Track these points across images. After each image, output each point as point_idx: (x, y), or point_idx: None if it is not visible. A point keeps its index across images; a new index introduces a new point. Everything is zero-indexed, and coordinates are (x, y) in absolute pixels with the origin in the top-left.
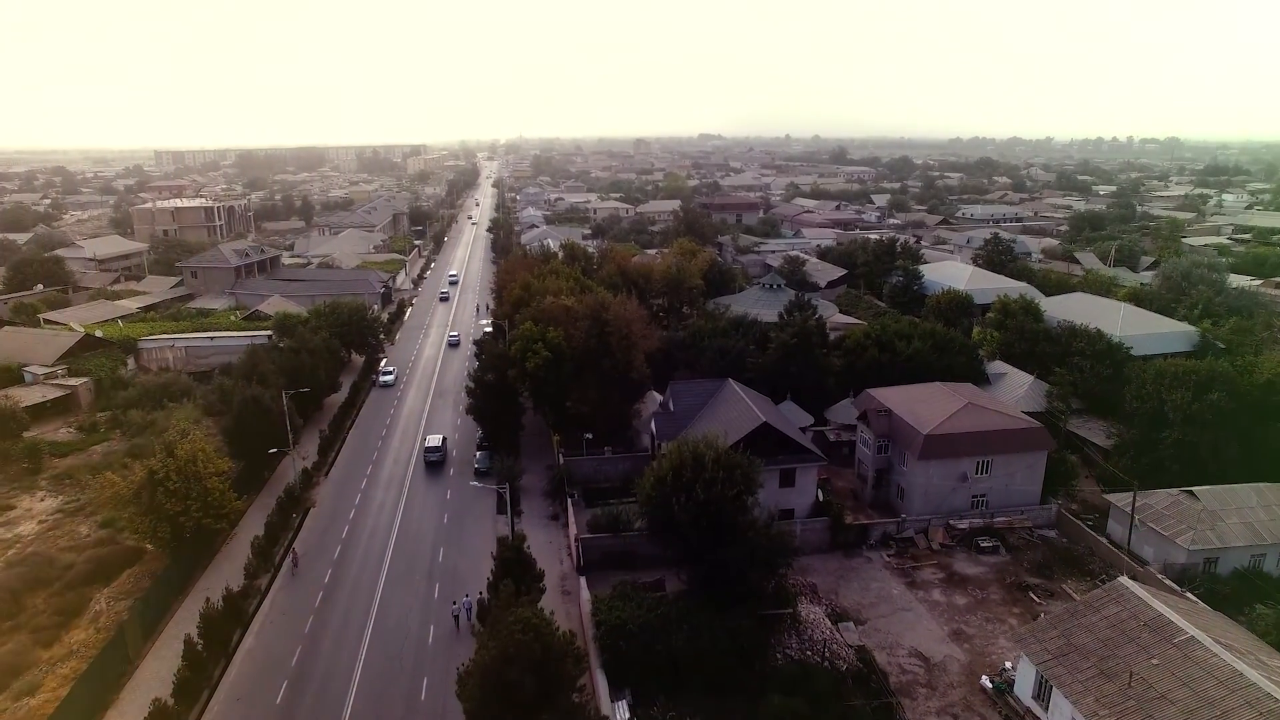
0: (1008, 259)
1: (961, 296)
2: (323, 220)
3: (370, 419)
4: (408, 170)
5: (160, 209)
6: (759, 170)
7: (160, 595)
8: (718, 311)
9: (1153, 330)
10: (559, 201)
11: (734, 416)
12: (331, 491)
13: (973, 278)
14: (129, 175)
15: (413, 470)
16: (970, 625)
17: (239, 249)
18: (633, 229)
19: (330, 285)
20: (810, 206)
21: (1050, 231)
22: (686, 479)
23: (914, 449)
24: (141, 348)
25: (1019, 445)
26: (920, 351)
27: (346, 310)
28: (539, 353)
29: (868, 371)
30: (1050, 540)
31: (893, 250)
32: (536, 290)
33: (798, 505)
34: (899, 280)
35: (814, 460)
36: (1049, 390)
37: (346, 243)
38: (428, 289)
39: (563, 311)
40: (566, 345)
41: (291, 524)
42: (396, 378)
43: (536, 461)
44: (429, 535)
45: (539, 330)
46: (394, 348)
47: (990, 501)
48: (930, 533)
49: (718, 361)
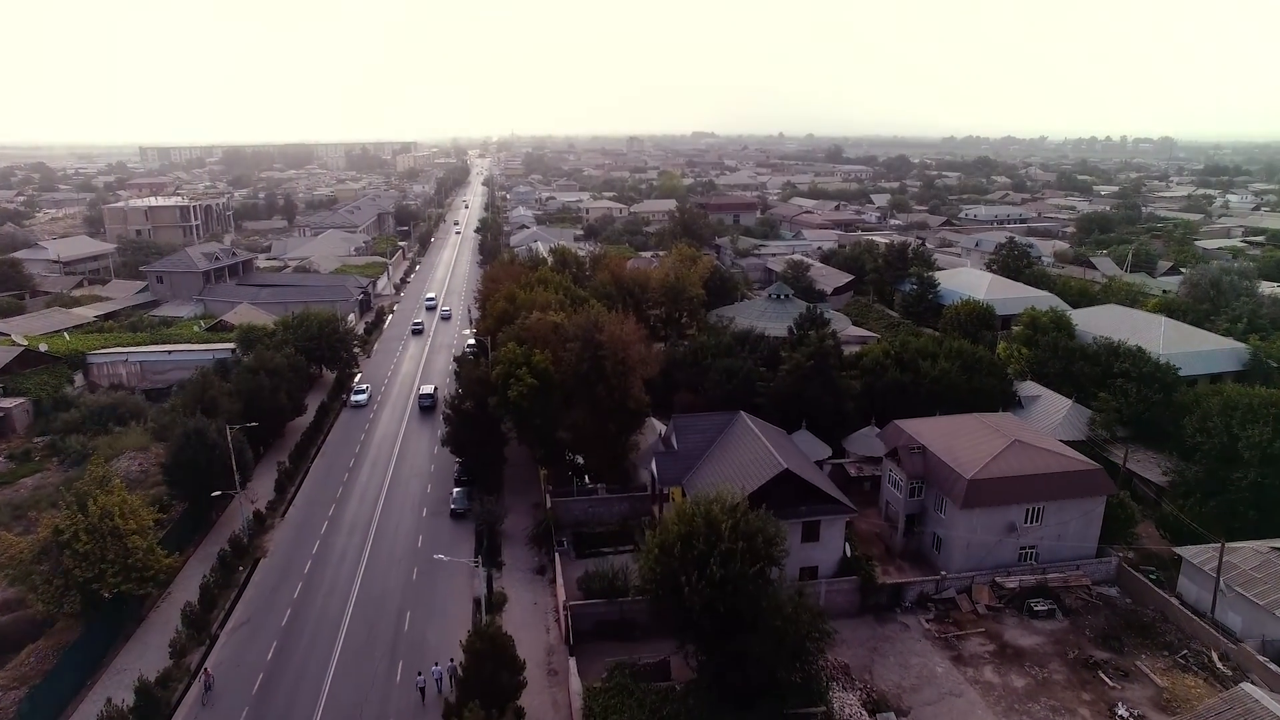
0: (1024, 265)
1: (982, 308)
2: (304, 220)
3: (338, 447)
4: (397, 168)
5: (133, 208)
6: (754, 169)
7: (62, 681)
8: (720, 324)
9: (1197, 347)
10: (550, 201)
11: (749, 459)
12: (287, 537)
13: (992, 286)
14: (111, 172)
15: (380, 509)
16: (1034, 717)
17: (208, 252)
18: (626, 230)
19: (305, 292)
20: (809, 206)
21: (1056, 233)
22: (698, 552)
23: (955, 495)
24: (91, 363)
25: (1074, 490)
26: (947, 372)
27: (317, 322)
28: (523, 379)
29: (889, 394)
30: (1112, 600)
31: (904, 256)
32: (523, 303)
33: (822, 562)
34: (913, 288)
35: (842, 511)
36: (1092, 417)
37: (326, 244)
38: (411, 294)
39: (550, 330)
40: (555, 370)
41: (236, 580)
42: (370, 397)
43: (521, 498)
44: (395, 594)
45: (523, 353)
46: (371, 360)
47: (1040, 554)
48: (974, 592)
49: (723, 384)
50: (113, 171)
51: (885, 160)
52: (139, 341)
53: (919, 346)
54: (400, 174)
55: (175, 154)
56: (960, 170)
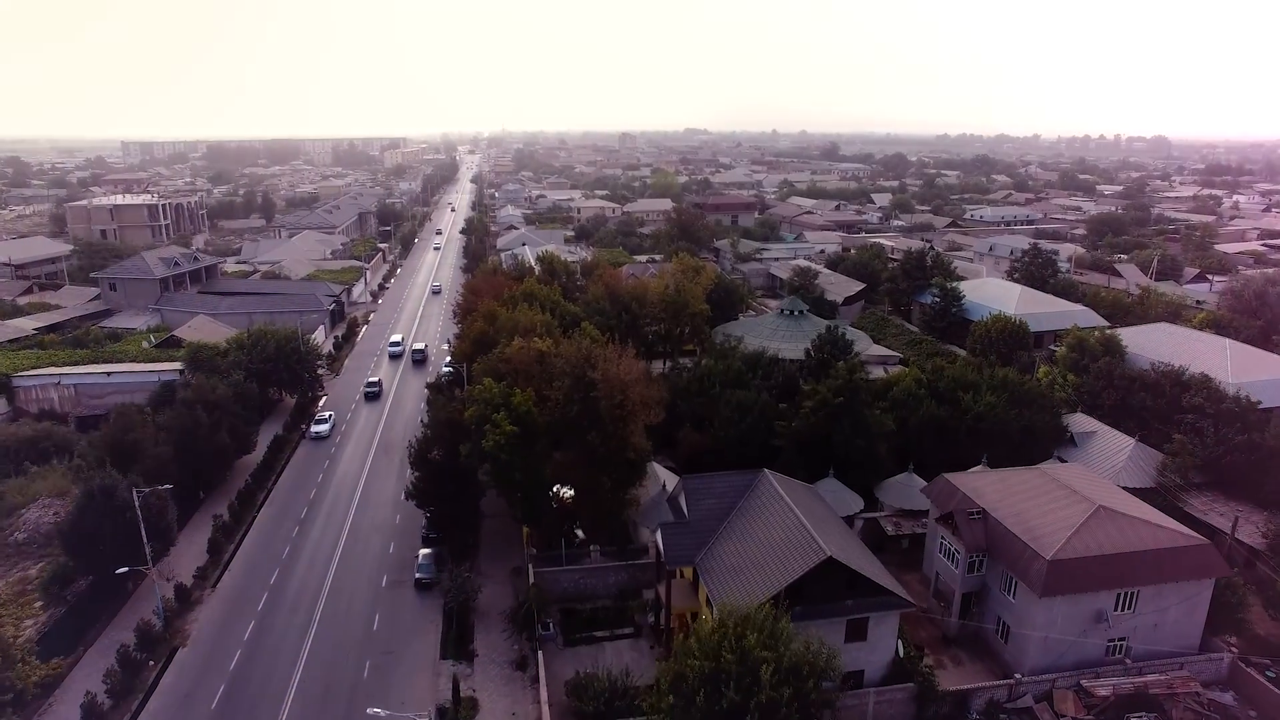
0: (1050, 274)
1: (1015, 325)
2: (282, 220)
3: (290, 492)
4: (385, 164)
5: (97, 206)
6: (749, 167)
7: None
8: (728, 344)
9: (1271, 374)
10: (540, 199)
11: (779, 539)
12: (215, 617)
13: (1022, 299)
14: (89, 167)
15: (332, 575)
16: None
17: (166, 257)
18: (620, 231)
19: (271, 301)
20: (808, 206)
21: (1065, 235)
22: (730, 703)
23: (1032, 579)
24: (18, 386)
25: (1177, 571)
26: (993, 407)
27: (275, 340)
28: (501, 425)
29: (924, 431)
30: (1230, 711)
31: (923, 264)
32: (504, 323)
33: (870, 664)
34: (935, 301)
35: (896, 604)
36: (1163, 462)
37: (301, 246)
38: (389, 302)
39: (535, 360)
40: (539, 412)
41: (142, 684)
42: (334, 426)
43: (498, 562)
44: (340, 697)
45: (502, 391)
46: (340, 379)
47: (1132, 647)
48: (1056, 700)
49: (735, 422)
50: (91, 167)
51: (882, 158)
52: (77, 360)
53: (956, 375)
54: (388, 170)
55: (159, 149)
56: (959, 169)
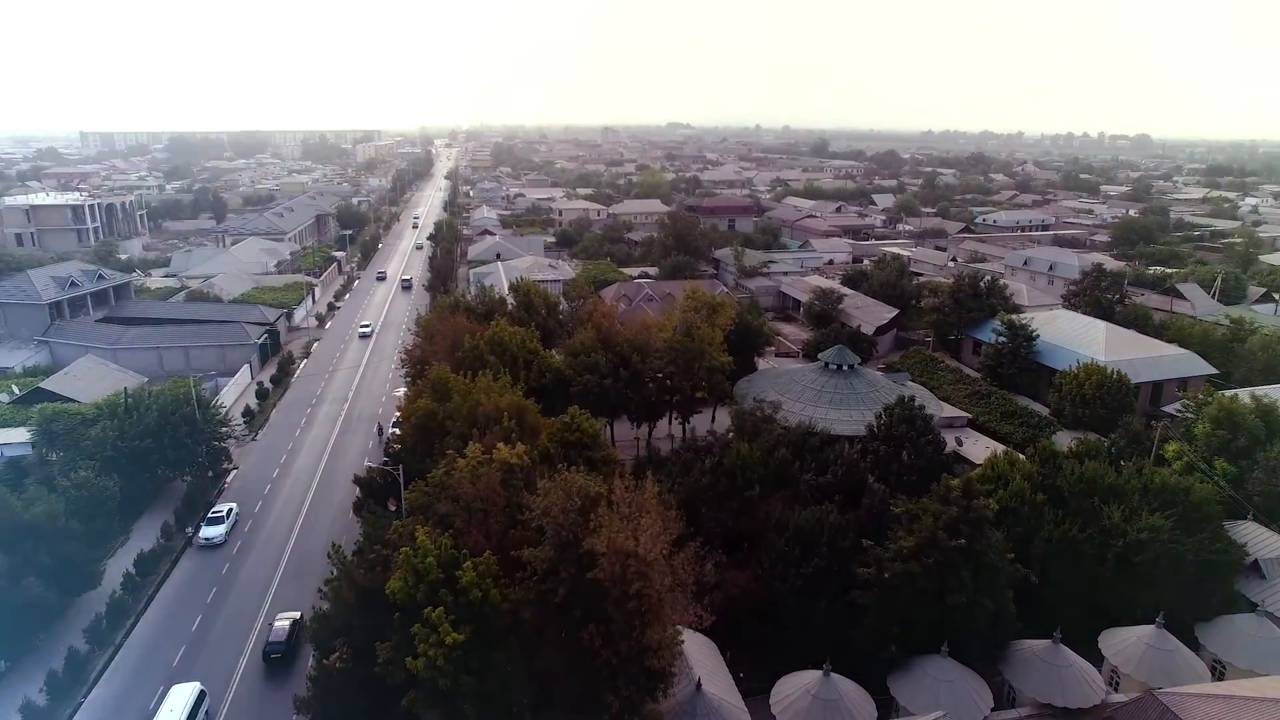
0: (1118, 301)
1: (1114, 379)
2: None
3: (145, 653)
4: (357, 158)
5: (9, 207)
6: (738, 164)
7: None
8: (757, 410)
9: None
10: (519, 199)
11: None
12: None
13: (1110, 341)
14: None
15: None
16: None
17: (60, 276)
18: (606, 237)
19: (187, 332)
20: (807, 208)
21: (1084, 242)
22: None
23: None
24: None
25: None
26: (1157, 533)
27: (160, 406)
28: (441, 628)
29: (1048, 561)
30: None
31: (977, 290)
32: (459, 399)
33: None
34: (1001, 340)
35: None
36: None
37: (242, 256)
38: (337, 328)
39: (498, 486)
40: (503, 589)
41: None
42: (235, 524)
43: None
44: None
45: (443, 555)
46: (260, 443)
47: None
48: None
49: (795, 562)
50: (41, 158)
51: (874, 155)
52: None
53: (1093, 477)
54: (359, 166)
55: (119, 140)
56: (954, 167)
